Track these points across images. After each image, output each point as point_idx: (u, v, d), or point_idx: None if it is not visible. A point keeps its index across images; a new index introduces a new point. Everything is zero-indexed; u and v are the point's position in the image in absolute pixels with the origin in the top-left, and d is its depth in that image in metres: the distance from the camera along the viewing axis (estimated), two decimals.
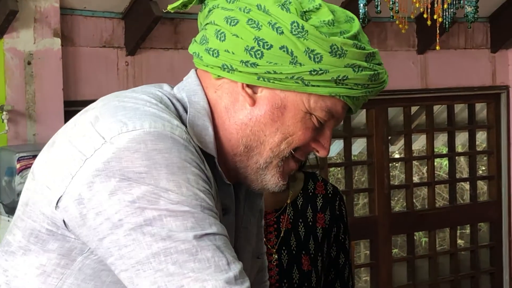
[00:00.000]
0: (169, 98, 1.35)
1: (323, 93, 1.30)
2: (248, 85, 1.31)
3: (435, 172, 6.14)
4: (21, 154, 3.53)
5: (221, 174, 1.36)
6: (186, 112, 1.34)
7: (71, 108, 4.38)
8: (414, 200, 6.17)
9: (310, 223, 2.09)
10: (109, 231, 1.16)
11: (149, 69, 4.89)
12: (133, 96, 1.33)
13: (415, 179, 6.54)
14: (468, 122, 6.25)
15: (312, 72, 1.27)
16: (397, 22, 2.86)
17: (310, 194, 2.12)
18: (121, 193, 1.15)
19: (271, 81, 1.29)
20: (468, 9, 2.63)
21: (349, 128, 5.68)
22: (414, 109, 6.05)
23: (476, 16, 2.60)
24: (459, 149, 6.57)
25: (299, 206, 2.11)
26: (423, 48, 5.52)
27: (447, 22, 2.69)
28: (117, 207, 1.15)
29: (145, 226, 1.17)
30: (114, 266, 1.20)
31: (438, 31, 2.82)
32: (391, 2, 2.69)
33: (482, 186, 6.78)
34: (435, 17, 2.62)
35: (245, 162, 1.36)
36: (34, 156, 1.68)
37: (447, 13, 2.70)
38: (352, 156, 5.92)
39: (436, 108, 6.18)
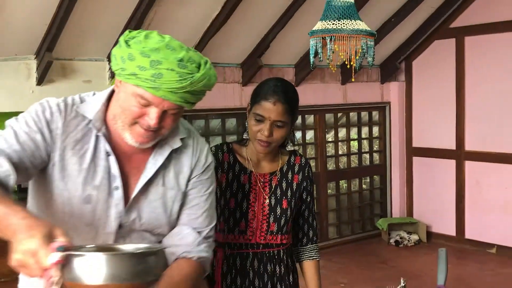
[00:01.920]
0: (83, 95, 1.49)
1: (130, 82, 1.34)
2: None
3: (350, 148, 6.76)
4: None
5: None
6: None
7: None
8: (339, 164, 6.67)
9: (289, 181, 2.05)
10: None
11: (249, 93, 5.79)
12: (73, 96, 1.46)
13: (340, 152, 6.63)
14: (368, 121, 6.84)
15: (122, 68, 1.34)
16: (330, 67, 2.96)
17: (291, 164, 2.08)
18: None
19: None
20: (369, 59, 2.68)
21: (304, 125, 6.27)
22: (339, 114, 6.59)
23: (373, 63, 2.64)
24: (363, 136, 6.88)
25: (284, 171, 2.07)
26: (344, 81, 6.28)
27: (357, 67, 2.73)
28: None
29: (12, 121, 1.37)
30: None
31: (353, 72, 2.90)
32: (327, 56, 2.70)
33: (375, 156, 6.96)
34: (352, 63, 2.66)
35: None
36: None
37: (357, 62, 2.71)
38: (306, 140, 6.37)
39: (351, 114, 6.70)
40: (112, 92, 1.46)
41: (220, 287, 1.99)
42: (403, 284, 1.84)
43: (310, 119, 6.40)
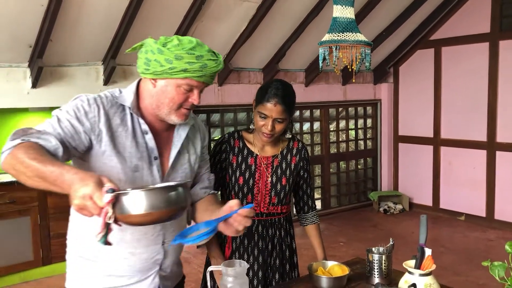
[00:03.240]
0: (118, 90, 1.48)
1: (180, 77, 1.35)
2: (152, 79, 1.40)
3: (349, 136, 6.69)
4: None
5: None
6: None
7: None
8: (339, 148, 6.56)
9: (288, 162, 2.01)
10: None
11: None
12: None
13: (340, 139, 6.51)
14: (363, 114, 6.71)
15: (171, 68, 1.35)
16: (335, 70, 2.86)
17: (290, 148, 2.03)
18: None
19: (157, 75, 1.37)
20: (367, 64, 2.61)
21: (312, 117, 6.18)
22: (340, 109, 6.48)
23: (369, 68, 2.60)
24: (359, 126, 6.76)
25: (284, 154, 2.02)
26: (344, 82, 6.20)
27: (357, 70, 2.67)
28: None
29: (58, 111, 1.37)
30: None
31: (353, 74, 2.85)
32: (333, 61, 2.63)
33: (369, 142, 6.82)
34: (352, 67, 2.60)
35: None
36: None
37: (357, 66, 2.63)
38: (314, 129, 6.27)
39: (350, 109, 6.62)
40: (137, 86, 1.47)
41: (230, 246, 1.96)
42: (391, 243, 1.82)
43: (317, 112, 6.37)
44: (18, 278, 4.13)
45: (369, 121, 6.90)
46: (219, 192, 1.94)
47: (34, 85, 4.03)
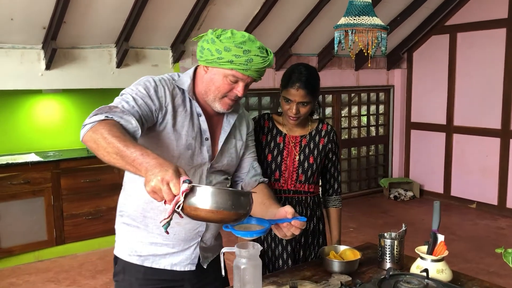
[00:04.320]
0: (177, 74, 1.56)
1: (226, 67, 1.43)
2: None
3: (360, 122, 6.65)
4: None
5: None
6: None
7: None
8: (351, 134, 6.56)
9: (316, 143, 2.03)
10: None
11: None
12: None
13: (352, 125, 6.51)
14: (375, 100, 6.70)
15: (219, 58, 1.42)
16: (350, 54, 2.85)
17: (319, 130, 2.05)
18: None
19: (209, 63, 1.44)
20: (382, 48, 2.60)
21: (324, 102, 6.20)
22: (352, 94, 6.45)
23: (385, 52, 2.56)
24: (371, 112, 6.74)
25: (312, 135, 2.04)
26: (357, 67, 6.18)
27: (372, 54, 2.66)
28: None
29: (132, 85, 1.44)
30: None
31: (369, 58, 2.89)
32: (349, 45, 2.64)
33: (380, 128, 6.83)
34: (369, 52, 2.59)
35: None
36: None
37: (373, 50, 2.63)
38: (326, 115, 6.28)
39: (362, 94, 6.58)
40: (194, 72, 1.55)
41: None
42: (404, 228, 1.83)
43: (329, 98, 6.37)
44: (33, 257, 4.22)
45: (381, 107, 6.88)
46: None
47: (47, 67, 4.06)
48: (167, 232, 1.19)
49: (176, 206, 1.12)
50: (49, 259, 4.26)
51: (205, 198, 1.14)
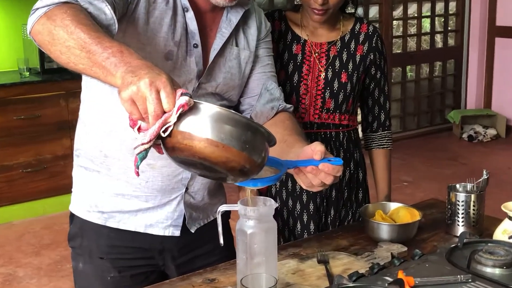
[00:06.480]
0: None
1: None
2: None
3: (421, 28, 6.71)
4: None
5: None
6: None
7: None
8: (407, 46, 6.67)
9: (352, 52, 2.02)
10: None
11: None
12: None
13: (408, 32, 6.62)
14: None
15: None
16: None
17: (356, 32, 2.04)
18: None
19: None
20: None
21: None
22: None
23: None
24: (437, 12, 6.82)
25: (346, 40, 2.03)
26: None
27: None
28: None
29: None
30: None
31: None
32: None
33: (450, 36, 6.93)
34: None
35: None
36: None
37: None
38: (369, 17, 6.28)
39: None
40: None
41: None
42: (485, 177, 1.82)
43: None
44: None
45: (452, 5, 6.85)
46: None
47: None
48: (137, 173, 1.13)
49: (163, 128, 1.06)
50: None
51: (208, 121, 1.08)
